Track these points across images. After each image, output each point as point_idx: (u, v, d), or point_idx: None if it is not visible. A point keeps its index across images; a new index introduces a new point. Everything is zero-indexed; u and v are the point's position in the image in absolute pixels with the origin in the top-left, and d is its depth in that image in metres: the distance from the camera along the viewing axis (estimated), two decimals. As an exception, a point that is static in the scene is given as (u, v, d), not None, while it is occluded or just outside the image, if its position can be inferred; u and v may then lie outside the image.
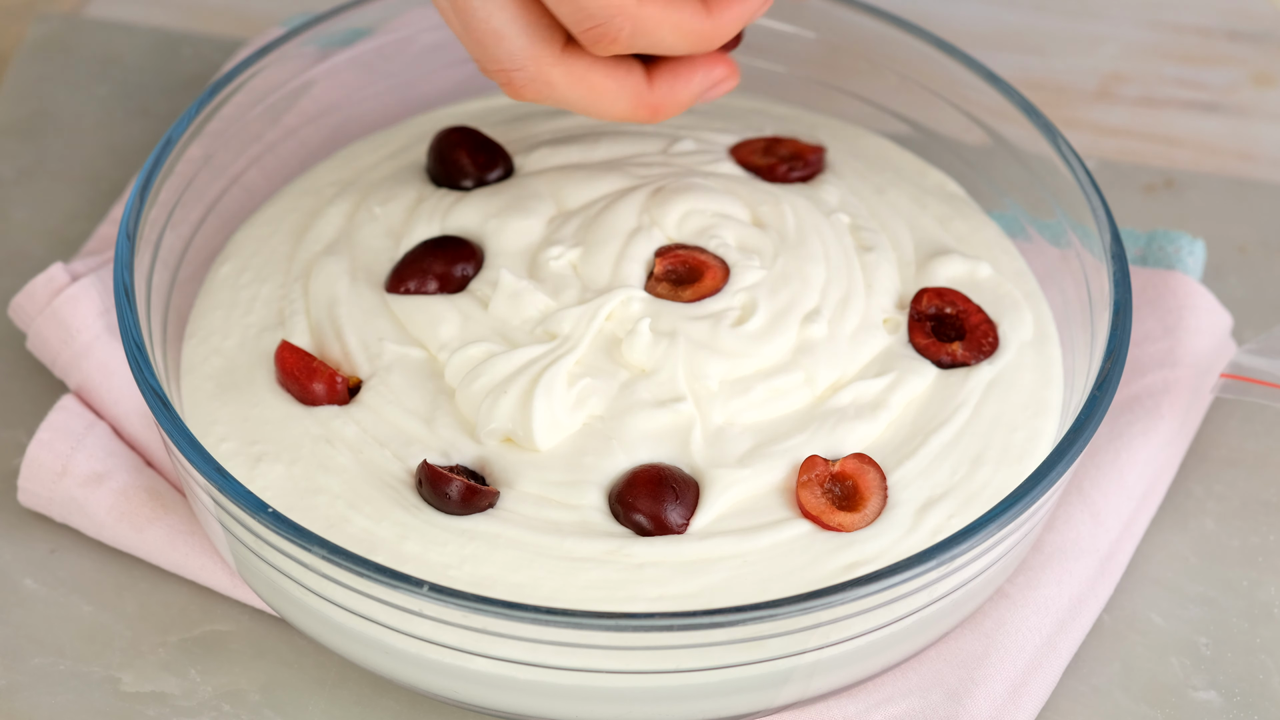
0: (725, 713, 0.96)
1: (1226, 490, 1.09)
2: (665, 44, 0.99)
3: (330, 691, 1.00)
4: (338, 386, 1.02)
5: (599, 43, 0.97)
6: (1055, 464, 0.95)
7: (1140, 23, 1.33)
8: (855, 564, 0.97)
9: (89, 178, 1.21)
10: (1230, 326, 1.12)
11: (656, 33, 0.98)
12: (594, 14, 0.96)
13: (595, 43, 0.97)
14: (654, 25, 0.98)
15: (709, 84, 1.03)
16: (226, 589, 1.03)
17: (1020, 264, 1.10)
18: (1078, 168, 1.06)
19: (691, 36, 0.99)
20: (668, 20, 0.98)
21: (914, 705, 0.98)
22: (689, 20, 0.98)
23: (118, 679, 1.00)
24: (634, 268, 1.05)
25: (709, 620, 0.90)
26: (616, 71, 1.00)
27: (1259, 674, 1.02)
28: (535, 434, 0.99)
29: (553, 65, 0.98)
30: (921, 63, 1.12)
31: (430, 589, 0.90)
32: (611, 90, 1.00)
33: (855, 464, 0.99)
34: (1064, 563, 1.02)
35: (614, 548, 0.97)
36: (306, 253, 1.09)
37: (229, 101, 1.09)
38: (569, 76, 0.99)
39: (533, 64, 0.98)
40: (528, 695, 0.94)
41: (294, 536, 0.92)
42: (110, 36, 1.28)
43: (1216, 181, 1.22)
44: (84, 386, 1.07)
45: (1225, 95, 1.28)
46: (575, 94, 1.00)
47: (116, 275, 1.01)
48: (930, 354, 1.04)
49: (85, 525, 1.04)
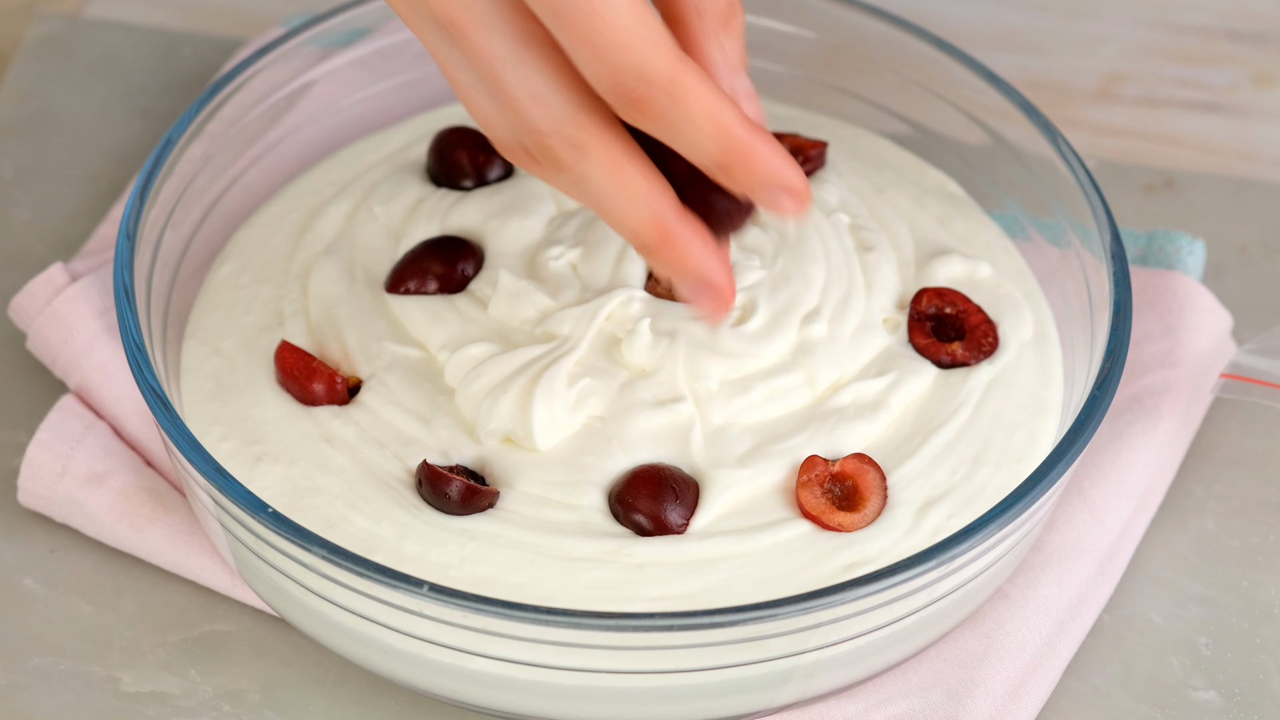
0: (725, 713, 0.96)
1: (1226, 490, 1.09)
2: (692, 129, 0.88)
3: (330, 691, 1.00)
4: (337, 386, 1.02)
5: (628, 105, 0.87)
6: (1055, 464, 0.95)
7: (1140, 23, 1.33)
8: (855, 564, 0.97)
9: (89, 178, 1.21)
10: (1230, 326, 1.12)
11: (690, 108, 0.88)
12: (628, 67, 0.87)
13: (625, 106, 0.88)
14: (691, 98, 0.87)
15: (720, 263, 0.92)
16: (226, 589, 1.03)
17: (1020, 264, 1.10)
18: (1078, 168, 1.06)
19: (721, 132, 0.88)
20: (705, 98, 0.88)
21: (914, 705, 0.98)
22: (724, 109, 0.88)
23: (118, 679, 1.00)
24: (634, 268, 1.05)
25: (709, 620, 0.90)
26: (652, 174, 0.91)
27: (1259, 674, 1.02)
28: (535, 434, 0.99)
29: (596, 134, 0.89)
30: (921, 63, 1.12)
31: (430, 589, 0.90)
32: (642, 191, 0.90)
33: (855, 464, 0.99)
34: (1064, 563, 1.02)
35: (614, 548, 0.97)
36: (306, 253, 1.09)
37: (229, 101, 1.09)
38: (606, 153, 0.90)
39: (572, 128, 0.89)
40: (528, 695, 0.94)
41: (294, 536, 0.92)
42: (110, 36, 1.28)
43: (1216, 181, 1.22)
44: (84, 386, 1.07)
45: (1225, 95, 1.28)
46: (602, 177, 0.90)
47: (116, 275, 1.01)
48: (930, 354, 1.04)
49: (85, 525, 1.04)
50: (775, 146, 0.90)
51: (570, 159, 0.89)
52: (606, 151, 0.89)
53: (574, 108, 0.89)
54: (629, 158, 0.90)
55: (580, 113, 0.89)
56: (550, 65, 0.88)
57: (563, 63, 0.88)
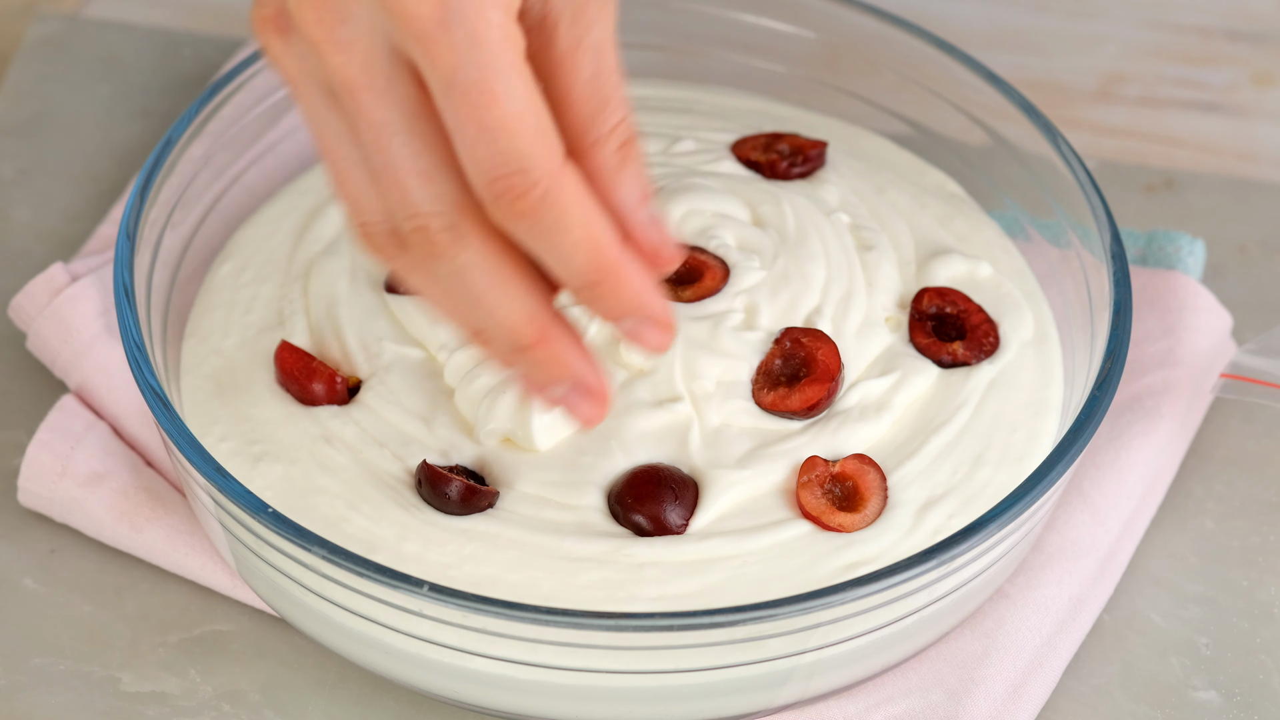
0: (725, 713, 0.96)
1: (1226, 490, 1.09)
2: (563, 238, 0.83)
3: (330, 691, 1.00)
4: (337, 386, 1.02)
5: (501, 197, 0.82)
6: (1055, 464, 0.95)
7: (1140, 23, 1.33)
8: (855, 564, 0.97)
9: (89, 178, 1.21)
10: (1230, 326, 1.12)
11: (566, 213, 0.83)
12: (511, 153, 0.82)
13: (498, 197, 0.83)
14: (569, 203, 0.83)
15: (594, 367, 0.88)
16: (226, 589, 1.03)
17: (1020, 264, 1.10)
18: (1078, 168, 1.06)
19: (594, 247, 0.84)
20: (584, 207, 0.83)
21: (914, 705, 0.98)
22: (601, 225, 0.84)
23: (118, 679, 1.00)
24: (634, 268, 1.05)
25: (709, 620, 0.90)
26: (531, 270, 0.86)
27: (1259, 674, 1.02)
28: (534, 434, 0.99)
29: (476, 224, 0.84)
30: (921, 63, 1.12)
31: (430, 589, 0.90)
32: (522, 287, 0.86)
33: (855, 464, 0.99)
34: (1064, 563, 1.02)
35: (613, 548, 0.97)
36: (306, 253, 1.09)
37: (229, 101, 1.09)
38: (486, 245, 0.84)
39: (456, 213, 0.84)
40: (528, 695, 0.94)
41: (294, 536, 0.92)
42: (110, 36, 1.28)
43: (1216, 181, 1.22)
44: (84, 386, 1.07)
45: (1225, 95, 1.28)
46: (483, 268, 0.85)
47: (116, 275, 1.01)
48: (931, 353, 1.04)
49: (85, 525, 1.04)
50: (648, 277, 0.86)
51: (449, 245, 0.84)
52: (487, 243, 0.85)
53: (459, 193, 0.84)
54: (509, 251, 0.85)
55: (464, 199, 0.84)
56: (439, 146, 0.84)
57: (449, 149, 0.84)
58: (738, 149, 1.12)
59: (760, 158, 1.12)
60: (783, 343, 1.02)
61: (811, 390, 1.01)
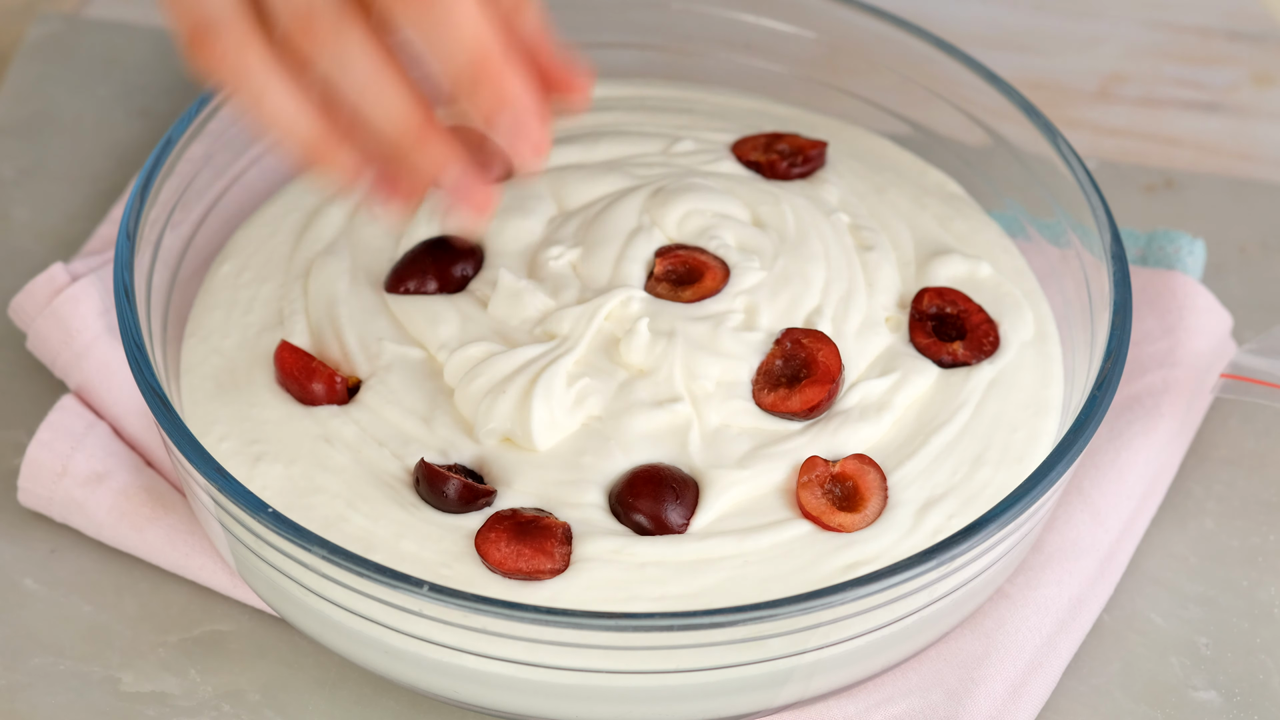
0: (725, 713, 0.96)
1: (1226, 490, 1.09)
2: (452, 30, 0.85)
3: (330, 691, 1.00)
4: (337, 386, 1.02)
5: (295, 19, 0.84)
6: (1055, 464, 0.95)
7: (1140, 23, 1.33)
8: (855, 564, 0.97)
9: (89, 178, 1.21)
10: (1230, 326, 1.12)
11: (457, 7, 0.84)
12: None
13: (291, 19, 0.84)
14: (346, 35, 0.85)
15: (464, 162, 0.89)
16: (226, 589, 1.03)
17: (1020, 263, 1.10)
18: (1078, 168, 1.06)
19: (480, 44, 0.85)
20: (474, 6, 0.85)
21: (914, 705, 0.98)
22: (489, 28, 0.85)
23: (118, 679, 1.00)
24: (634, 268, 1.05)
25: (709, 620, 0.90)
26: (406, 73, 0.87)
27: (1259, 674, 1.02)
28: (534, 434, 0.99)
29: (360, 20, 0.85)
30: (921, 63, 1.12)
31: (430, 589, 0.90)
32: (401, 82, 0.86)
33: (855, 465, 0.99)
34: (1064, 563, 1.02)
35: (614, 548, 0.97)
36: (306, 252, 1.09)
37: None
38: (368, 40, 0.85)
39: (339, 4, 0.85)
40: (528, 695, 0.94)
41: (294, 536, 0.92)
42: (110, 36, 1.28)
43: (1216, 181, 1.22)
44: (84, 386, 1.07)
45: (1225, 95, 1.28)
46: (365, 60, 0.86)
47: (116, 275, 1.01)
48: (931, 353, 1.04)
49: (85, 525, 1.04)
50: (528, 82, 0.86)
51: (333, 36, 0.85)
52: (370, 38, 0.85)
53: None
54: (390, 52, 0.86)
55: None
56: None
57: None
58: (738, 149, 1.13)
59: (760, 158, 1.12)
60: (783, 343, 1.02)
61: (812, 391, 1.01)
